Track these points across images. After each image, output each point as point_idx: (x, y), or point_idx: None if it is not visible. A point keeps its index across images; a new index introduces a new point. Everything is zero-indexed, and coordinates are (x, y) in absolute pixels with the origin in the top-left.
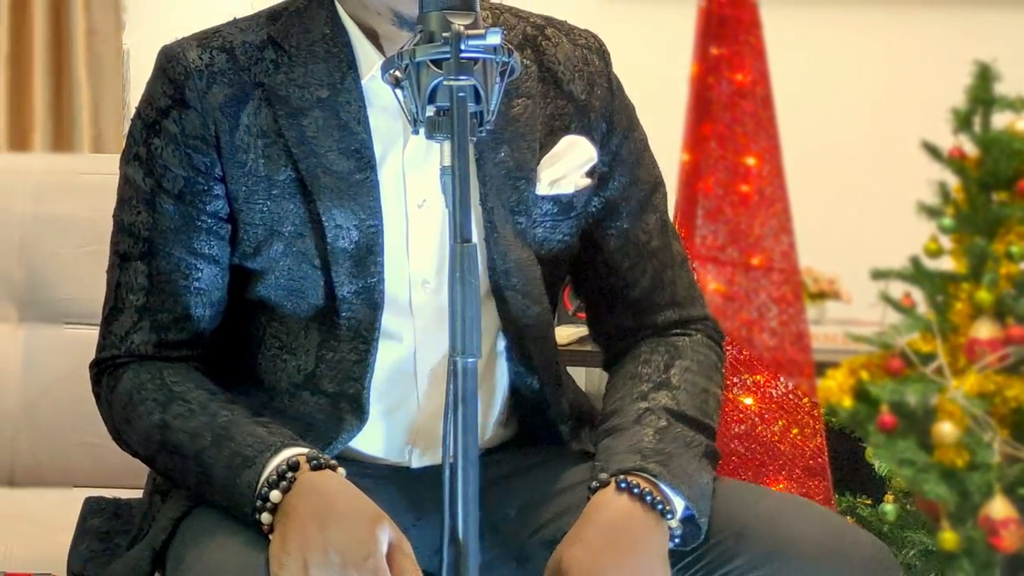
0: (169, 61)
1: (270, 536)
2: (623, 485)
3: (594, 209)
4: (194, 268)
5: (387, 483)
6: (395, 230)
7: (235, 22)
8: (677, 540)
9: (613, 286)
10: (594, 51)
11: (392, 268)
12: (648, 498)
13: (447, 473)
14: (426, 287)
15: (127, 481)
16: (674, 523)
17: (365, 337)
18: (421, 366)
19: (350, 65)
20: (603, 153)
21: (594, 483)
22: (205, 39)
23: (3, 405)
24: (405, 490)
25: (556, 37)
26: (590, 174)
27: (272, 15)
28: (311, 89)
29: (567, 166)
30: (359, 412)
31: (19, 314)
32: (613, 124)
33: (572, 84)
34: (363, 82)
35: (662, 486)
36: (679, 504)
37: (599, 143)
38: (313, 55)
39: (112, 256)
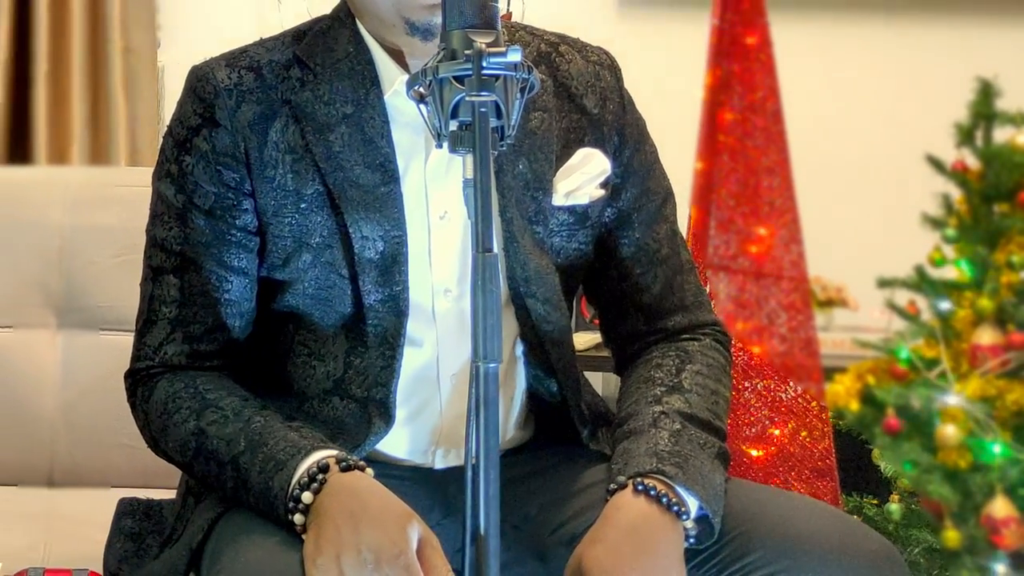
0: (199, 81)
1: (303, 536)
2: (640, 488)
3: (608, 219)
4: (224, 280)
5: (412, 483)
6: (418, 241)
7: (261, 42)
8: (692, 539)
9: (625, 291)
10: (606, 67)
11: (416, 277)
12: (664, 500)
13: (469, 474)
14: (448, 295)
15: (162, 481)
16: (689, 524)
17: (391, 344)
18: (444, 371)
19: (373, 82)
20: (616, 165)
21: (612, 485)
22: (233, 59)
23: (42, 408)
24: (429, 490)
25: (569, 54)
26: (604, 185)
27: (297, 35)
28: (336, 105)
29: (582, 178)
30: (386, 415)
31: (57, 321)
32: (625, 137)
33: (585, 99)
34: (386, 98)
35: (677, 488)
36: (693, 505)
37: (612, 156)
38: (338, 73)
39: (145, 270)
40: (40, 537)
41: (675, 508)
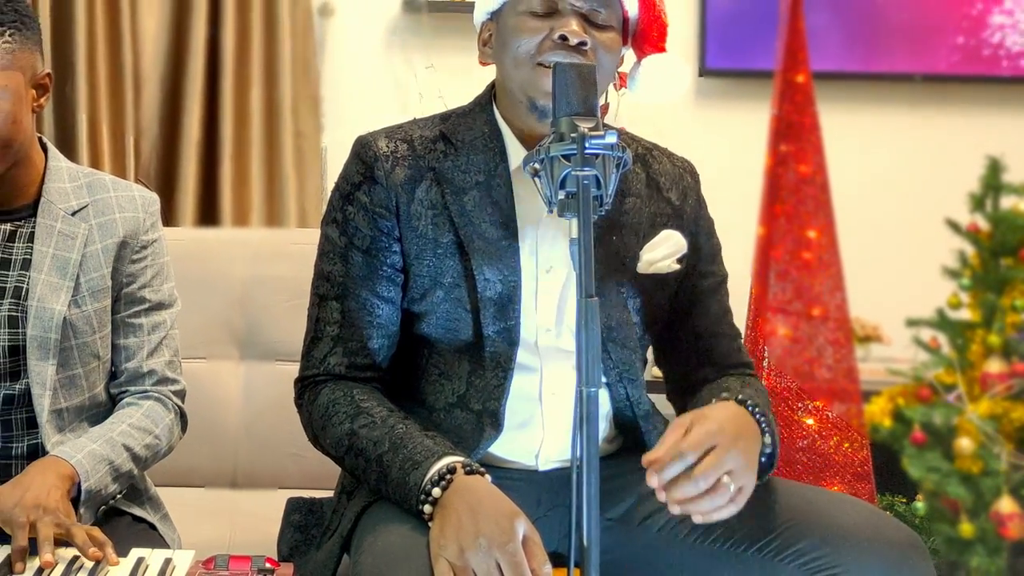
0: (363, 147)
1: (430, 524)
2: (739, 398)
3: (678, 290)
4: (376, 307)
5: (523, 483)
6: (528, 287)
7: (415, 121)
8: (763, 460)
9: (689, 347)
10: (688, 172)
11: (525, 316)
12: (757, 413)
13: (574, 477)
14: (548, 333)
15: (322, 484)
16: (767, 439)
17: (504, 367)
18: (546, 391)
19: (502, 157)
20: (689, 248)
21: (714, 400)
22: (391, 132)
23: (227, 424)
24: (536, 489)
25: (660, 157)
26: (680, 261)
27: (444, 116)
28: (471, 174)
29: (663, 252)
30: (496, 425)
31: (240, 353)
32: (699, 228)
33: (670, 192)
34: (511, 171)
35: (762, 415)
36: (767, 437)
37: (687, 240)
38: (474, 148)
39: (312, 296)
40: (225, 529)
41: (762, 423)
